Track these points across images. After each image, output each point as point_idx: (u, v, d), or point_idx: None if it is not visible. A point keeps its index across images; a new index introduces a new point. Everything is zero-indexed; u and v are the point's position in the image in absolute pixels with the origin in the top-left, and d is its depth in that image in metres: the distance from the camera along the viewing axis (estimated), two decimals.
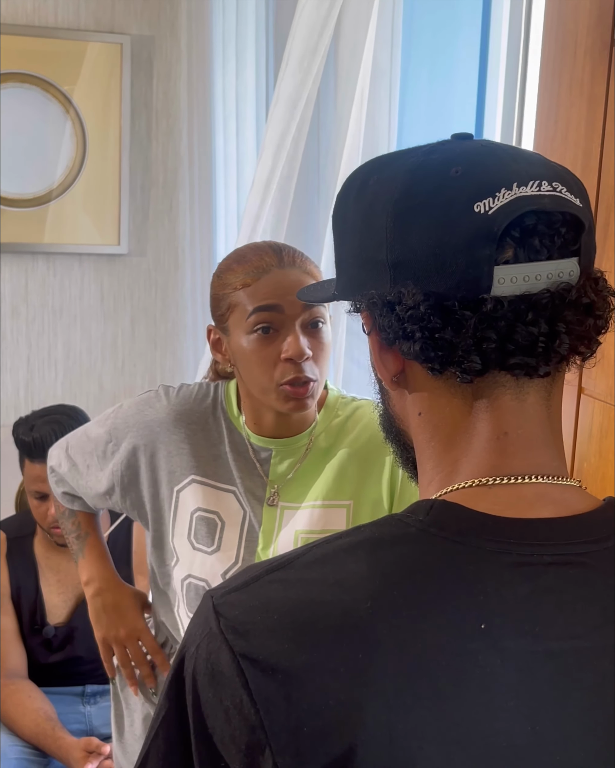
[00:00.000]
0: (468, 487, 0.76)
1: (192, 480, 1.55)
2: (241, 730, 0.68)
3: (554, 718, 0.67)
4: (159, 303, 3.38)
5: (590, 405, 1.41)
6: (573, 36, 1.46)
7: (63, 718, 2.31)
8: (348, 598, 0.70)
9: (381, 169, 0.79)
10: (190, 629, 0.75)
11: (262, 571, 0.74)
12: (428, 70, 2.30)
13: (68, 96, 3.18)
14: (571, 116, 1.46)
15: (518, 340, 0.72)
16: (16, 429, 2.36)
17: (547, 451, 0.77)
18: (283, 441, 1.54)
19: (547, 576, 0.71)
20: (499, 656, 0.68)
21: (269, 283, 1.42)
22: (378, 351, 0.80)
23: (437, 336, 0.73)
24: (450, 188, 0.73)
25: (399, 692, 0.66)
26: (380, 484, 1.53)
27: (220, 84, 2.93)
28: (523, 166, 0.74)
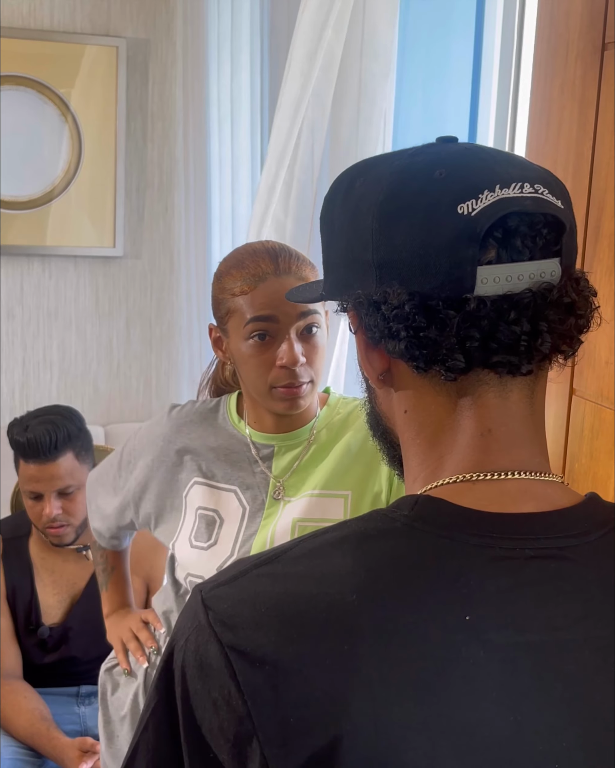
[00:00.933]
0: (452, 482, 0.77)
1: (195, 482, 1.60)
2: (229, 721, 0.69)
3: (536, 709, 0.68)
4: (154, 305, 3.38)
5: (581, 406, 1.42)
6: (565, 39, 1.47)
7: (58, 719, 2.31)
8: (334, 592, 0.71)
9: (367, 172, 0.80)
10: (180, 622, 0.76)
11: (250, 566, 0.75)
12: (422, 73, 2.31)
13: (64, 99, 3.19)
14: (563, 119, 1.47)
15: (501, 338, 0.74)
16: (11, 430, 2.37)
17: (530, 448, 0.79)
18: (285, 436, 1.58)
19: (529, 570, 0.72)
20: (481, 648, 0.69)
21: (265, 293, 1.47)
22: (364, 350, 0.82)
23: (422, 335, 0.75)
24: (434, 190, 0.75)
25: (383, 683, 0.67)
26: (381, 477, 1.56)
27: (215, 87, 2.94)
28: (506, 168, 0.76)
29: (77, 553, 2.43)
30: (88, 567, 2.44)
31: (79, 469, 2.35)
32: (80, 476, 2.34)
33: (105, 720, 1.80)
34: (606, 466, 1.36)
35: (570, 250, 0.78)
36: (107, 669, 1.83)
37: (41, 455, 2.29)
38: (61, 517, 2.33)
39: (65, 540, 2.39)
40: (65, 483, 2.31)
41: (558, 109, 1.49)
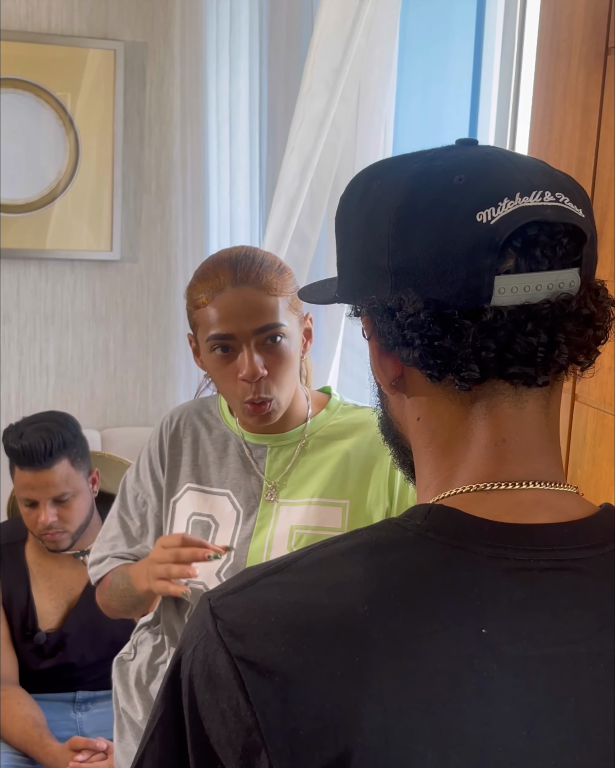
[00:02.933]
0: (465, 492, 0.76)
1: (187, 488, 1.60)
2: (237, 733, 0.68)
3: (550, 724, 0.67)
4: (151, 309, 3.37)
5: (584, 412, 1.42)
6: (567, 44, 1.46)
7: (54, 725, 2.30)
8: (345, 602, 0.70)
9: (384, 174, 0.79)
10: (187, 632, 0.75)
11: (259, 574, 0.74)
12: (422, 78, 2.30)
13: (61, 102, 3.18)
14: (566, 124, 1.47)
15: (517, 350, 0.73)
16: (6, 436, 2.35)
17: (544, 458, 0.78)
18: (276, 436, 1.59)
19: (543, 581, 0.71)
20: (495, 661, 0.68)
21: (221, 305, 1.47)
22: (377, 356, 0.81)
23: (436, 344, 0.74)
24: (453, 197, 0.73)
25: (395, 696, 0.66)
26: (379, 486, 1.55)
27: (214, 91, 2.93)
28: (527, 176, 0.75)
29: (74, 559, 2.42)
30: (84, 572, 2.42)
31: (75, 476, 2.34)
32: (76, 483, 2.33)
33: (117, 715, 1.78)
34: (608, 473, 1.35)
35: (590, 260, 0.76)
36: (119, 662, 1.81)
37: (36, 462, 2.28)
38: (57, 524, 2.32)
39: (61, 546, 2.38)
40: (60, 490, 2.30)
41: (560, 114, 1.49)
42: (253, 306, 1.46)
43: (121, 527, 1.70)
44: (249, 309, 1.46)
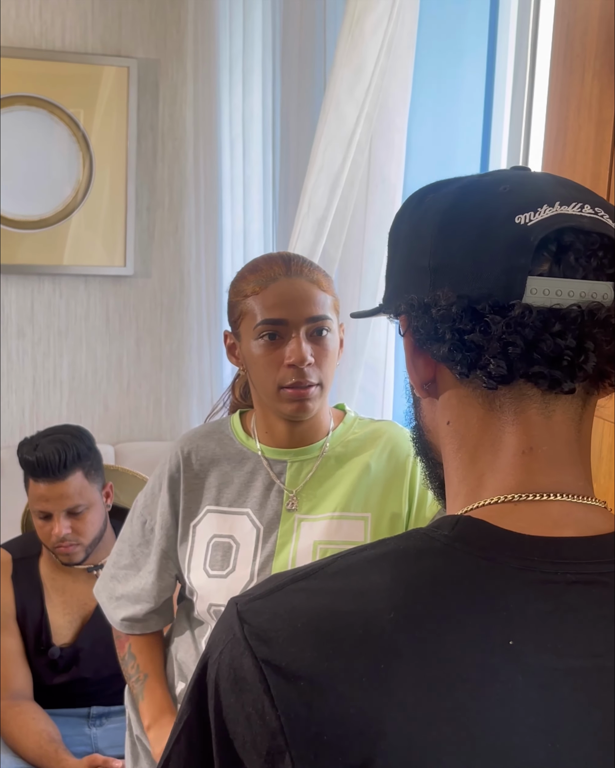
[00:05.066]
0: (493, 503, 0.77)
1: (207, 511, 1.60)
2: (262, 736, 0.68)
3: (574, 736, 0.67)
4: (164, 324, 3.38)
5: (600, 426, 1.42)
6: (581, 59, 1.47)
7: (68, 740, 2.29)
8: (371, 609, 0.70)
9: (437, 189, 0.82)
10: (214, 636, 0.76)
11: (286, 580, 0.75)
12: (435, 93, 2.31)
13: (75, 119, 3.20)
14: (580, 139, 1.47)
15: (544, 349, 0.73)
16: (21, 449, 2.36)
17: (572, 470, 0.78)
18: (297, 450, 1.59)
19: (569, 594, 0.71)
20: (520, 672, 0.68)
21: (276, 293, 1.50)
22: (411, 354, 0.83)
23: (466, 338, 0.75)
24: (495, 201, 0.76)
25: (419, 704, 0.66)
26: (400, 498, 1.55)
27: (227, 106, 2.95)
28: (569, 191, 0.77)
29: (88, 573, 2.42)
30: None
31: (89, 489, 2.34)
32: (90, 495, 2.34)
33: (130, 742, 1.78)
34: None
35: None
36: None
37: (51, 474, 2.28)
38: (71, 536, 2.33)
39: (75, 559, 2.38)
40: (74, 502, 2.31)
41: (574, 129, 1.49)
42: (307, 296, 1.50)
43: (131, 555, 1.71)
44: (302, 298, 1.49)
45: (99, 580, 1.77)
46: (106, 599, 1.75)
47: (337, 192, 2.16)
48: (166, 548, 1.64)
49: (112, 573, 1.74)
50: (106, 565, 1.77)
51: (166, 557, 1.65)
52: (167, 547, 1.64)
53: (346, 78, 2.06)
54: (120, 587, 1.72)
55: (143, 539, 1.68)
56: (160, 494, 1.64)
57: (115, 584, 1.72)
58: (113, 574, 1.73)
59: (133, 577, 1.70)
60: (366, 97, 2.06)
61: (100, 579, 1.77)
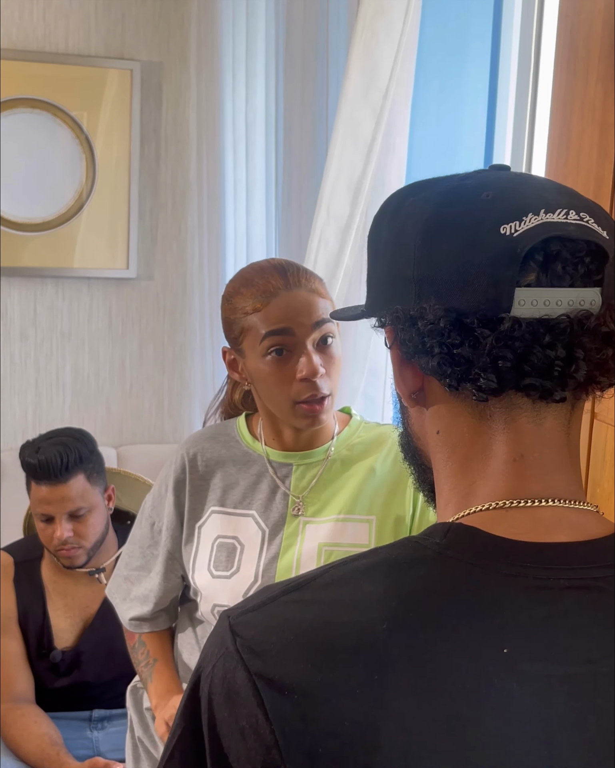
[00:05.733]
0: (485, 510, 0.76)
1: (212, 512, 1.60)
2: (256, 750, 0.68)
3: (570, 743, 0.67)
4: (167, 326, 3.38)
5: (603, 431, 1.41)
6: (585, 63, 1.46)
7: (70, 744, 2.29)
8: (364, 619, 0.70)
9: (416, 192, 0.81)
10: (206, 649, 0.75)
11: (278, 592, 0.74)
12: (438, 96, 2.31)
13: (78, 121, 3.20)
14: (583, 143, 1.47)
15: (534, 361, 0.73)
16: (23, 452, 2.36)
17: (564, 476, 0.78)
18: (303, 454, 1.59)
19: (563, 600, 0.71)
20: (515, 680, 0.67)
21: (278, 307, 1.47)
22: (398, 366, 0.82)
23: (455, 352, 0.74)
24: (479, 210, 0.75)
25: (415, 714, 0.66)
26: (404, 501, 1.55)
27: (230, 109, 2.94)
28: (554, 195, 0.76)
29: (89, 577, 2.42)
30: (100, 590, 2.42)
31: (91, 492, 2.34)
32: (91, 498, 2.33)
33: (132, 744, 1.78)
34: None
35: (612, 281, 0.76)
36: (133, 690, 1.81)
37: (52, 477, 2.28)
38: (73, 539, 2.32)
39: (77, 562, 2.37)
40: (76, 505, 2.30)
41: (578, 133, 1.49)
42: (309, 306, 1.48)
43: (142, 557, 1.71)
44: (306, 309, 1.48)
45: (111, 581, 1.77)
46: (120, 600, 1.75)
47: (359, 199, 2.14)
48: (172, 549, 1.64)
49: (126, 575, 1.74)
50: (118, 566, 1.77)
51: (172, 558, 1.65)
52: (173, 548, 1.64)
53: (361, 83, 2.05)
54: (134, 589, 1.72)
55: (152, 540, 1.68)
56: (166, 496, 1.64)
57: (129, 585, 1.72)
58: (126, 575, 1.73)
59: (144, 578, 1.70)
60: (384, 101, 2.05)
61: (113, 580, 1.77)
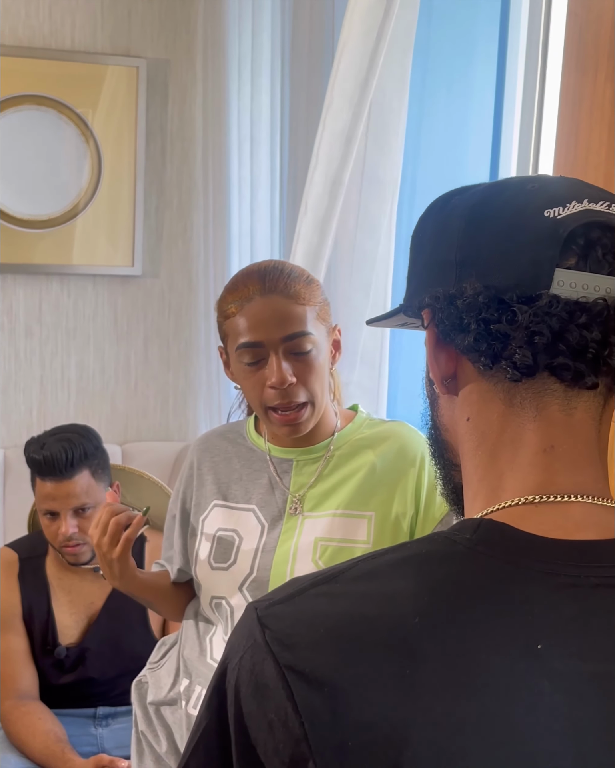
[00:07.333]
0: (515, 505, 0.76)
1: (214, 505, 1.62)
2: (285, 743, 0.68)
3: (600, 742, 0.67)
4: (172, 324, 3.38)
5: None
6: (594, 61, 1.46)
7: (74, 741, 2.29)
8: (396, 614, 0.70)
9: (463, 191, 0.83)
10: (233, 641, 0.75)
11: (307, 584, 0.74)
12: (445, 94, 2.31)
13: (84, 118, 3.20)
14: (592, 141, 1.47)
15: (569, 340, 0.74)
16: (28, 448, 2.36)
17: (592, 471, 0.78)
18: (302, 450, 1.60)
19: (593, 598, 0.71)
20: (546, 677, 0.67)
21: (249, 314, 1.49)
22: (433, 347, 0.82)
23: (492, 327, 0.75)
24: (524, 197, 0.77)
25: (446, 710, 0.66)
26: (405, 499, 1.55)
27: (236, 107, 2.94)
28: (596, 191, 0.78)
29: (94, 573, 2.42)
30: (105, 587, 2.42)
31: (96, 488, 2.34)
32: (96, 495, 2.34)
33: (136, 738, 1.78)
34: None
35: None
36: (138, 685, 1.81)
37: (57, 473, 2.28)
38: (77, 535, 2.32)
39: (81, 559, 2.37)
40: (81, 501, 2.31)
41: (586, 131, 1.49)
42: (281, 314, 1.48)
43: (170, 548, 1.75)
44: (277, 317, 1.48)
45: None
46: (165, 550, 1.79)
47: (339, 192, 2.14)
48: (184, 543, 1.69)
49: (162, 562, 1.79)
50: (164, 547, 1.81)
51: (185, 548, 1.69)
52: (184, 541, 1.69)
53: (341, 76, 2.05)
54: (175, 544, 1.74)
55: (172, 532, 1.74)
56: (180, 490, 1.69)
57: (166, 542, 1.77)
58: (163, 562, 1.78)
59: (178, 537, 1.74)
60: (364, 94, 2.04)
61: None
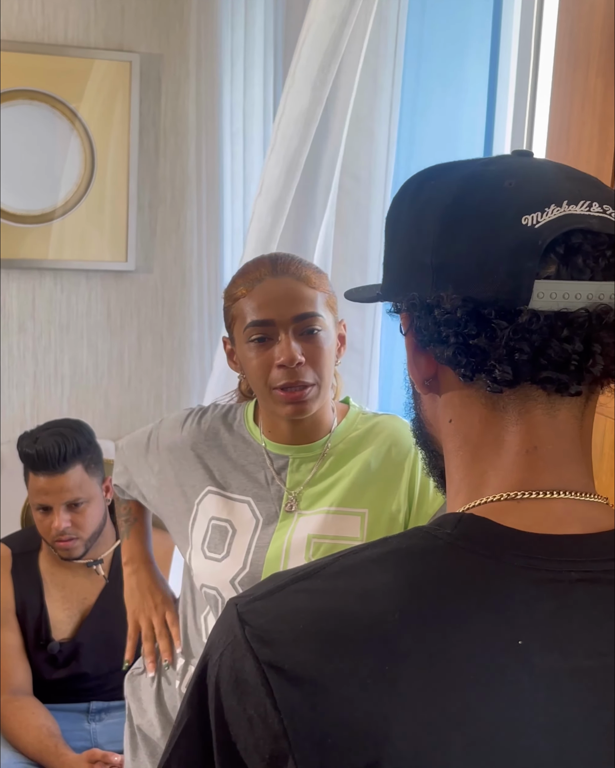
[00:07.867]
0: (496, 500, 0.76)
1: (208, 491, 1.60)
2: (264, 740, 0.67)
3: (581, 737, 0.66)
4: (165, 320, 3.38)
5: (601, 423, 1.41)
6: (585, 55, 1.46)
7: (68, 735, 2.29)
8: (375, 609, 0.69)
9: (437, 176, 0.80)
10: (213, 637, 0.75)
11: (287, 580, 0.74)
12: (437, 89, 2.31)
13: (77, 113, 3.19)
14: (584, 135, 1.47)
15: (551, 355, 0.72)
16: (21, 442, 2.36)
17: (576, 468, 0.77)
18: (299, 447, 1.59)
19: (574, 593, 0.71)
20: (527, 672, 0.67)
21: (261, 293, 1.50)
22: (412, 352, 0.81)
23: (471, 342, 0.74)
24: (501, 199, 0.74)
25: (426, 706, 0.65)
26: (398, 495, 1.55)
27: (228, 102, 2.94)
28: (577, 186, 0.75)
29: (87, 568, 2.42)
30: (98, 582, 2.43)
31: (89, 482, 2.34)
32: (89, 489, 2.34)
33: (130, 732, 1.78)
34: None
35: None
36: (130, 678, 1.81)
37: (50, 467, 2.28)
38: (70, 530, 2.33)
39: (74, 554, 2.38)
40: (74, 495, 2.31)
41: (578, 125, 1.49)
42: (293, 294, 1.49)
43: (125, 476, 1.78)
44: (289, 296, 1.49)
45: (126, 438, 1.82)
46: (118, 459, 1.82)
47: (295, 174, 2.12)
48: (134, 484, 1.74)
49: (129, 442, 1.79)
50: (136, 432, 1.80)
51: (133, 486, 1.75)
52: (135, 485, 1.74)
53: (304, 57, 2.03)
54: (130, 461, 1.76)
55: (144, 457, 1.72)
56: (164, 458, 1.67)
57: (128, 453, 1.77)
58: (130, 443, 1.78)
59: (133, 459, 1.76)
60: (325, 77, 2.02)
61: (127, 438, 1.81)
